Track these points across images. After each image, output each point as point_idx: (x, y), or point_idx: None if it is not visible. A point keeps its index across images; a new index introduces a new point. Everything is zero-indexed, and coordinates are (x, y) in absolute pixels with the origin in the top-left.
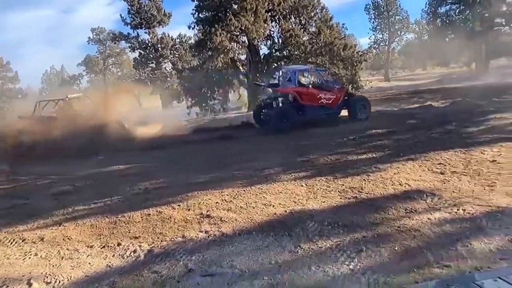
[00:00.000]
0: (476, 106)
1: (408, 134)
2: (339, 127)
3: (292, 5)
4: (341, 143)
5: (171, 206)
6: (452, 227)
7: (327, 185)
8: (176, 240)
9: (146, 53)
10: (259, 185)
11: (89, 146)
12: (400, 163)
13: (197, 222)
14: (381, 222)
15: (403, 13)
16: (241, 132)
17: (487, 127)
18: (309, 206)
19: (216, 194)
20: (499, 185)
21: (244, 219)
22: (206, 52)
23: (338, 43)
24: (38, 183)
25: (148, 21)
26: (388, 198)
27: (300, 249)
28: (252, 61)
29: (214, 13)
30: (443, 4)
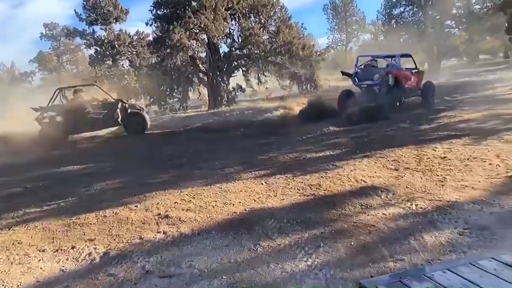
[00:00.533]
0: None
1: (364, 132)
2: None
3: (251, 4)
4: (300, 141)
5: (128, 207)
6: (405, 222)
7: (287, 183)
8: (133, 242)
9: (102, 50)
10: (219, 184)
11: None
12: (356, 160)
13: (155, 223)
14: (338, 218)
15: (360, 14)
16: (200, 131)
17: (438, 125)
18: (269, 204)
19: (175, 193)
20: (449, 181)
21: (203, 219)
22: (165, 50)
23: (297, 42)
24: None
25: (104, 17)
26: (345, 195)
27: (259, 247)
28: (212, 59)
29: (173, 10)
30: (397, 6)
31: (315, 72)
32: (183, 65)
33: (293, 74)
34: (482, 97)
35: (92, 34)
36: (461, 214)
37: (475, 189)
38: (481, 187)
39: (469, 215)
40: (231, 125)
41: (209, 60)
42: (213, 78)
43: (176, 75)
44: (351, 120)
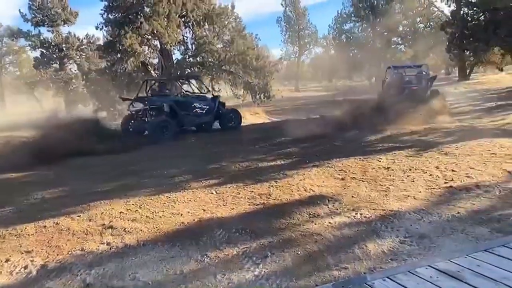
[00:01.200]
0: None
1: (314, 142)
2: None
3: (206, 13)
4: (253, 150)
5: (70, 216)
6: (350, 231)
7: (237, 192)
8: (74, 253)
9: (49, 53)
10: (168, 193)
11: None
12: (306, 169)
13: (98, 234)
14: (286, 227)
15: (312, 27)
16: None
17: (383, 137)
18: (218, 213)
19: (121, 203)
20: (392, 191)
21: (149, 229)
22: (115, 55)
23: (251, 52)
24: None
25: (52, 18)
26: (293, 204)
27: (206, 257)
28: (164, 66)
29: (125, 15)
30: (347, 22)
31: (268, 82)
32: (134, 71)
33: (246, 84)
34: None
35: (38, 35)
36: (403, 223)
37: (416, 199)
38: (421, 197)
39: (410, 224)
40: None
41: (161, 67)
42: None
43: (126, 80)
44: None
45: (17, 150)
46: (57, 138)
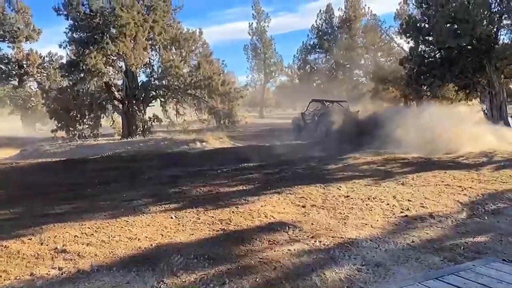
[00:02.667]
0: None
1: (276, 169)
2: (215, 160)
3: (173, 37)
4: (215, 175)
5: (20, 239)
6: (309, 258)
7: (197, 217)
8: (22, 279)
9: (7, 69)
10: (126, 217)
11: None
12: (267, 196)
13: (50, 258)
14: (245, 254)
15: (278, 56)
16: (111, 161)
17: (344, 165)
18: (177, 239)
19: (76, 226)
20: (351, 219)
21: (105, 254)
22: (78, 74)
23: (217, 78)
24: None
25: (13, 34)
26: (254, 230)
27: (163, 284)
28: (129, 87)
29: (90, 35)
30: (312, 52)
31: (233, 108)
32: (97, 91)
33: (211, 108)
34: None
35: None
36: (360, 251)
37: (374, 227)
38: (379, 225)
39: (367, 252)
40: (144, 155)
41: (125, 88)
42: (128, 106)
43: (88, 100)
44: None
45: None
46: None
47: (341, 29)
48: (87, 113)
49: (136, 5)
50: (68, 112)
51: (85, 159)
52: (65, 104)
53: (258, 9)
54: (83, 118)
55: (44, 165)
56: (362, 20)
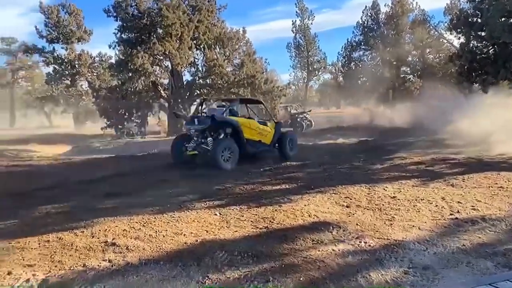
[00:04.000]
0: (381, 146)
1: (320, 168)
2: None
3: (217, 36)
4: (257, 173)
5: (73, 232)
6: (354, 259)
7: (241, 214)
8: (75, 269)
9: (61, 69)
10: (172, 212)
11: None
12: (310, 195)
13: (101, 251)
14: (289, 253)
15: (321, 54)
16: (157, 157)
17: (390, 165)
18: (221, 235)
19: (125, 221)
20: (397, 220)
21: (152, 248)
22: (126, 73)
23: (260, 76)
24: None
25: (67, 36)
26: (297, 229)
27: (207, 279)
28: (174, 86)
29: (138, 35)
30: (357, 50)
31: (275, 106)
32: (144, 90)
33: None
34: (432, 141)
35: (52, 52)
36: (407, 253)
37: (421, 229)
38: (427, 227)
39: (414, 254)
40: None
41: (171, 87)
42: (174, 105)
43: (136, 99)
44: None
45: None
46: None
47: (388, 25)
48: (135, 112)
49: (181, 5)
50: (116, 110)
51: (133, 156)
52: (114, 102)
53: (302, 6)
54: (131, 116)
55: (94, 162)
56: (410, 15)
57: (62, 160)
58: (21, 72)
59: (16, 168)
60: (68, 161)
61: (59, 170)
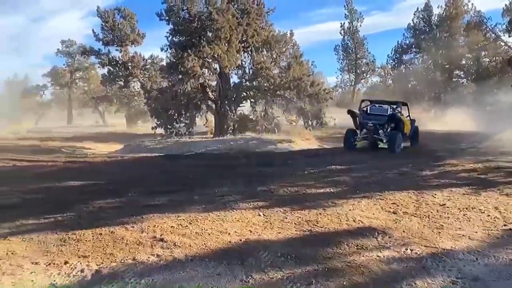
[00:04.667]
0: (431, 151)
1: (365, 172)
2: (302, 160)
3: (265, 39)
4: (302, 176)
5: (124, 227)
6: (399, 266)
7: (284, 216)
8: (126, 262)
9: (115, 70)
10: (217, 211)
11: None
12: (356, 199)
13: (149, 245)
14: (332, 257)
15: (370, 57)
16: (203, 157)
17: (440, 172)
18: (265, 236)
19: (172, 218)
20: (446, 228)
21: (198, 245)
22: (177, 75)
23: (306, 79)
24: None
25: (121, 39)
26: (341, 233)
27: (251, 279)
28: (222, 88)
29: (188, 38)
30: (407, 52)
31: (321, 109)
32: (193, 91)
33: (299, 109)
34: (486, 148)
35: (107, 54)
36: (456, 263)
37: (472, 239)
38: (477, 237)
39: (464, 264)
40: (234, 153)
41: (218, 89)
42: (221, 106)
43: (185, 100)
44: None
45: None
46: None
47: (440, 27)
48: (184, 112)
49: (231, 9)
50: (166, 111)
51: (181, 155)
52: (164, 103)
53: (351, 8)
54: (180, 116)
55: (145, 160)
56: (464, 17)
57: (114, 157)
58: (79, 73)
59: (72, 164)
60: (120, 158)
61: (112, 167)
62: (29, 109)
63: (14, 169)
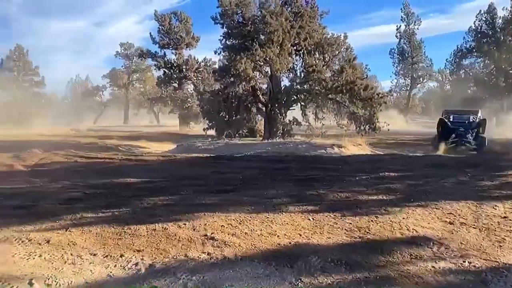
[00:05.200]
0: (492, 160)
1: (421, 180)
2: (353, 166)
3: (317, 42)
4: (352, 181)
5: (177, 224)
6: (455, 278)
7: (334, 222)
8: (178, 258)
9: (170, 73)
10: (266, 213)
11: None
12: (410, 208)
13: (200, 243)
14: (384, 265)
15: (427, 61)
16: (253, 159)
17: (502, 183)
18: (314, 240)
19: (222, 217)
20: (508, 242)
21: (247, 246)
22: (229, 78)
23: (359, 82)
24: (51, 187)
25: (176, 42)
26: (394, 242)
27: (300, 282)
28: (272, 91)
29: (241, 42)
30: (468, 56)
31: (375, 114)
32: (244, 94)
33: (351, 114)
34: None
35: (163, 57)
36: None
37: None
38: None
39: None
40: (283, 157)
41: (269, 92)
42: (271, 109)
43: (236, 103)
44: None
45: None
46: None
47: (505, 30)
48: (234, 115)
49: (284, 12)
50: (218, 113)
51: (231, 157)
52: (216, 105)
53: (408, 11)
54: (231, 118)
55: (196, 160)
56: None
57: (167, 157)
58: (136, 74)
59: (128, 162)
60: (173, 158)
61: (165, 166)
62: (89, 108)
63: (76, 165)
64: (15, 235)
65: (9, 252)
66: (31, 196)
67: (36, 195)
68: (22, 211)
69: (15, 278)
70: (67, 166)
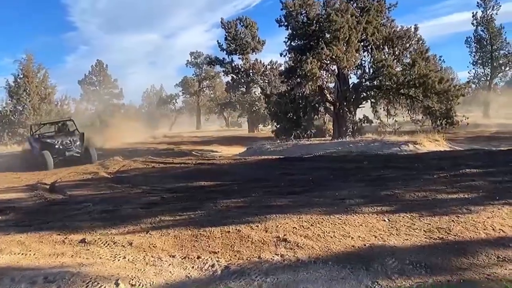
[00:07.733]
0: None
1: (507, 177)
2: (431, 163)
3: (386, 36)
4: (430, 180)
5: (249, 226)
6: None
7: (412, 223)
8: (252, 260)
9: (238, 78)
10: (339, 214)
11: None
12: (495, 207)
13: (273, 245)
14: (468, 268)
15: (509, 47)
16: (323, 160)
17: None
18: (390, 242)
19: (294, 219)
20: None
21: (320, 248)
22: (295, 79)
23: (433, 75)
24: (131, 192)
25: (243, 47)
26: (478, 243)
27: (377, 285)
28: (340, 89)
29: (306, 42)
30: None
31: (452, 107)
32: (311, 94)
33: (426, 108)
34: None
35: (231, 62)
36: None
37: None
38: None
39: None
40: (354, 156)
41: (337, 91)
42: (339, 108)
43: (303, 103)
44: None
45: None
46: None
47: None
48: (302, 115)
49: (350, 8)
50: (285, 114)
51: (300, 158)
52: (284, 107)
53: None
54: (298, 119)
55: (266, 162)
56: None
57: (238, 159)
58: (206, 81)
59: (201, 166)
60: (243, 160)
61: (236, 169)
62: (164, 116)
63: (154, 170)
64: (102, 238)
65: (97, 254)
66: (114, 201)
67: (118, 200)
68: (107, 215)
69: (103, 278)
70: (145, 171)
